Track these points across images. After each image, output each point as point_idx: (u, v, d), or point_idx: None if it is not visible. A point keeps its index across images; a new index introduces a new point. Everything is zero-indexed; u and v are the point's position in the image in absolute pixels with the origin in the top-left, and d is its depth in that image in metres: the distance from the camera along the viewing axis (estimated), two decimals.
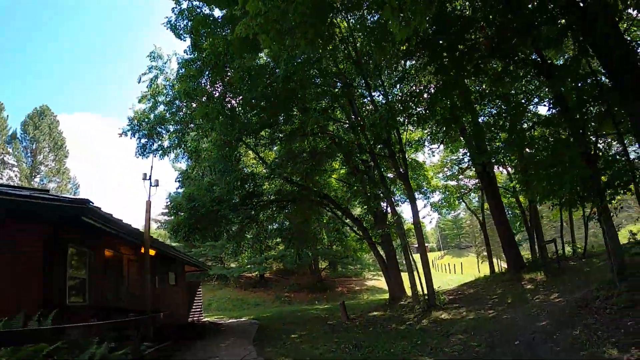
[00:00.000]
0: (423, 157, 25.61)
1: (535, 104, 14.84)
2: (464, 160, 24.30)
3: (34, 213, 7.14)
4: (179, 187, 16.52)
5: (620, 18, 8.52)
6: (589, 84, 9.52)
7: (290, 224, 21.48)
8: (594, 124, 10.09)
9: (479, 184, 23.42)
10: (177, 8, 13.71)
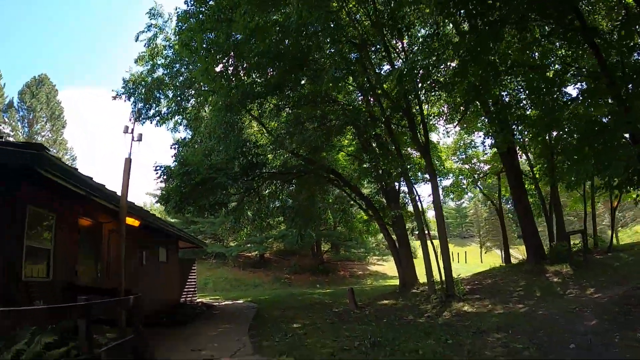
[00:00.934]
0: (437, 137, 23.88)
1: (574, 77, 13.20)
2: (480, 143, 23.13)
3: None
4: (175, 160, 14.82)
5: None
6: None
7: (294, 202, 19.90)
8: None
9: (500, 167, 22.06)
10: None
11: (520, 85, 13.56)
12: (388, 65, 14.48)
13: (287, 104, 15.14)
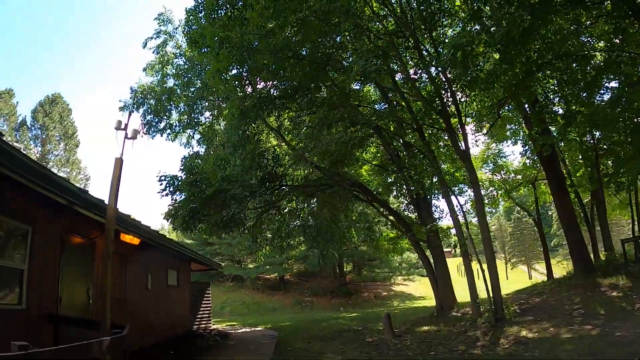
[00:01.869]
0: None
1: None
2: (510, 152, 22.06)
3: None
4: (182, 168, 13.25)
5: None
6: None
7: (316, 220, 18.25)
8: None
9: (533, 175, 21.22)
10: None
11: (564, 80, 12.36)
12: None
13: (308, 111, 13.76)
